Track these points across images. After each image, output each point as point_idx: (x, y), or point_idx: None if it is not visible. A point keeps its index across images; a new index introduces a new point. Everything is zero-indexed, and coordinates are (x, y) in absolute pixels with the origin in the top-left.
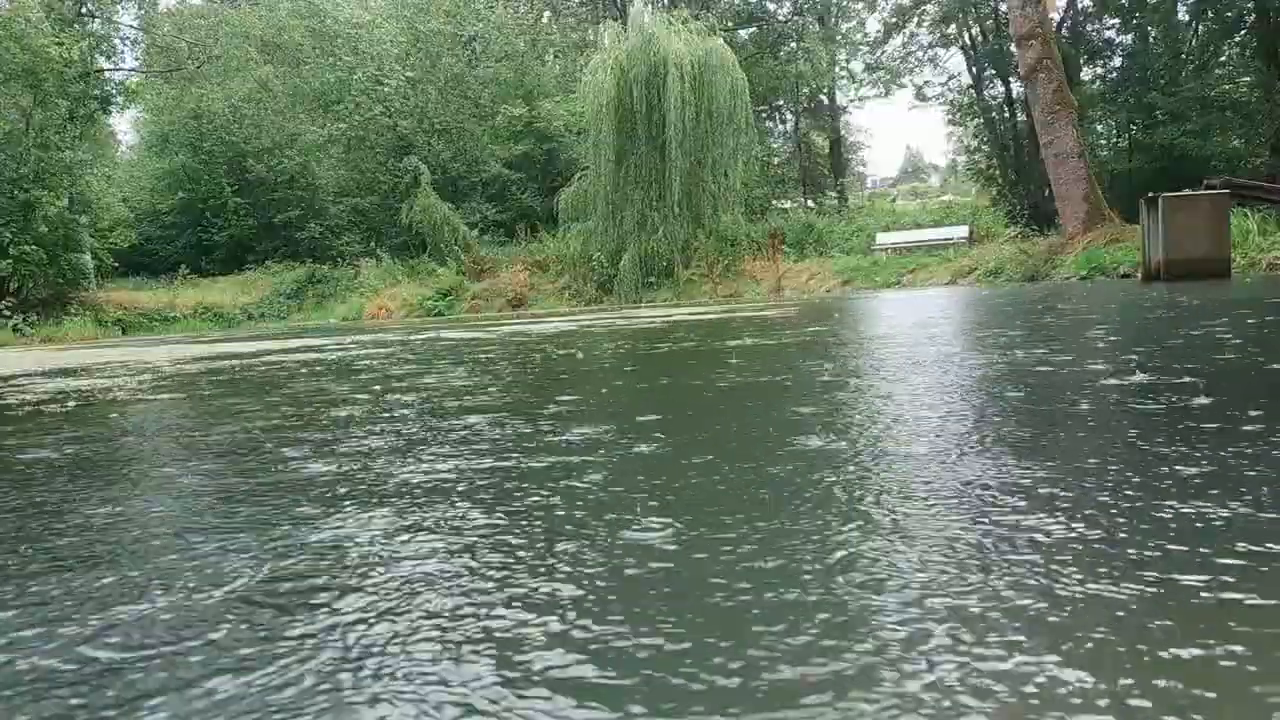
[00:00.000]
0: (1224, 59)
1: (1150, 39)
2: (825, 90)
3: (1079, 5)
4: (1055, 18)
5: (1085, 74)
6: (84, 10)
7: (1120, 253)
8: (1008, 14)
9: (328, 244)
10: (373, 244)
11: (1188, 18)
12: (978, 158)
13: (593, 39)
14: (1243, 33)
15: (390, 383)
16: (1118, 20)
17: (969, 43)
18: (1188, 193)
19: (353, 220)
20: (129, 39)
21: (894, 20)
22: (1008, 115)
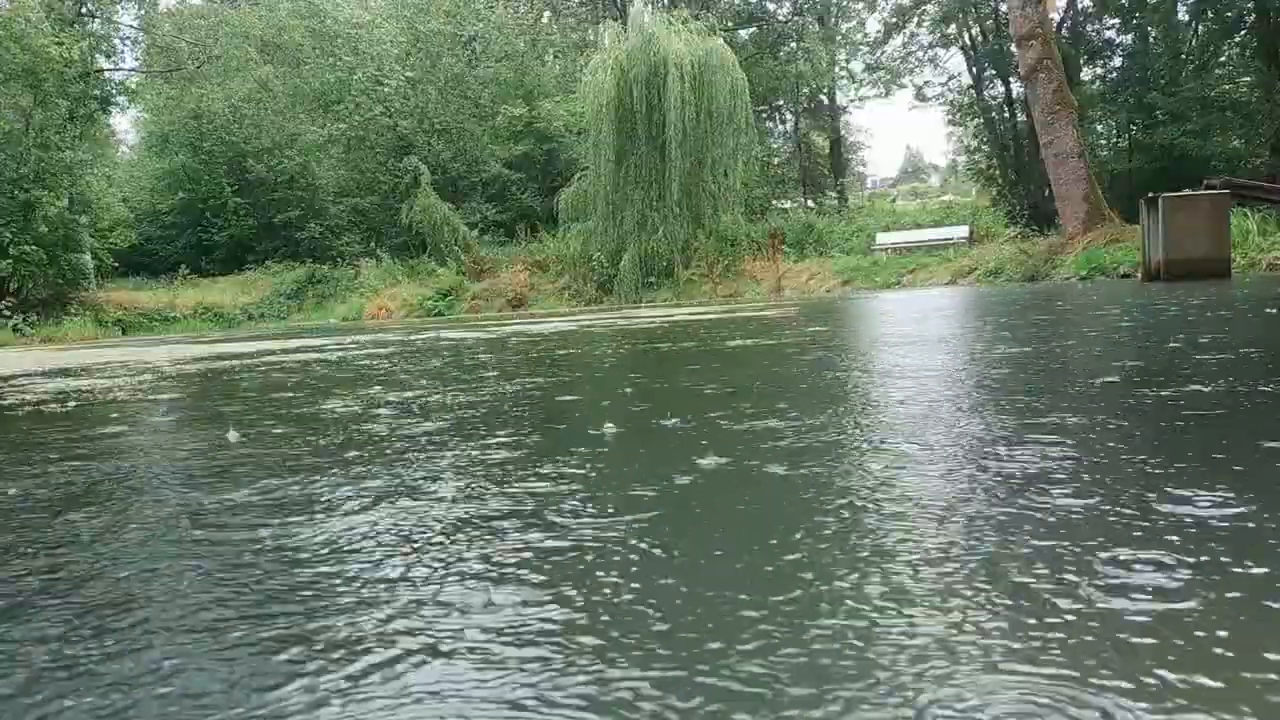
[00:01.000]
0: (1224, 59)
1: (1150, 39)
2: (825, 90)
3: (1079, 5)
4: (1055, 18)
5: (1085, 74)
6: (84, 10)
7: (1120, 253)
8: (1008, 14)
9: (328, 244)
10: (373, 244)
11: (1188, 18)
12: (978, 158)
13: (593, 39)
14: (1243, 33)
15: (405, 391)
16: (1118, 20)
17: (969, 43)
18: (1188, 193)
19: (353, 220)
20: (129, 39)
21: (894, 20)
22: (1008, 115)
